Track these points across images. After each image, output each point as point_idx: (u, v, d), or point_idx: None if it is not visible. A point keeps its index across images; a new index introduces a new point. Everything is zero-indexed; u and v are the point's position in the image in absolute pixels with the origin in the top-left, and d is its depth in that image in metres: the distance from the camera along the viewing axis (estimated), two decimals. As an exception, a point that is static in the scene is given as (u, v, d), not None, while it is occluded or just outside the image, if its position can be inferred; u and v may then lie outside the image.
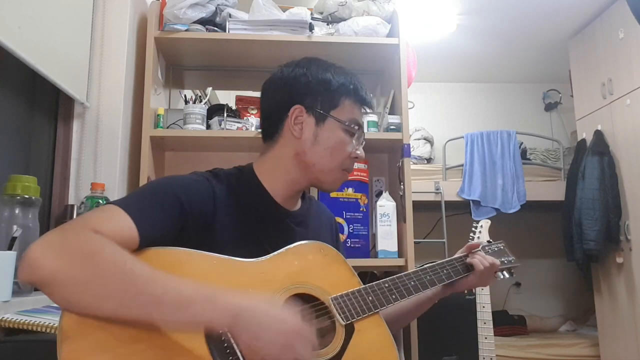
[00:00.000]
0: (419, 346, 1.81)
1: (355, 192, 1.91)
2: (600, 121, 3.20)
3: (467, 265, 1.12)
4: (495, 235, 1.44)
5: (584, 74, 3.43)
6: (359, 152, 1.02)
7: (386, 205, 1.90)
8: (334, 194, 1.88)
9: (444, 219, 3.44)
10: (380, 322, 0.96)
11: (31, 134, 1.57)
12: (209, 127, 1.93)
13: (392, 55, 2.03)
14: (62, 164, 1.70)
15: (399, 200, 1.92)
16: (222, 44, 1.96)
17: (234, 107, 2.05)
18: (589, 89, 3.35)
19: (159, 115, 1.89)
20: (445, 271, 1.09)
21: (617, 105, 3.04)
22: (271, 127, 1.03)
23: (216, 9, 1.95)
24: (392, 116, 1.96)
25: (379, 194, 2.00)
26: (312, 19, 2.04)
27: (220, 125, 1.92)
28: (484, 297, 1.62)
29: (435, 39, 3.60)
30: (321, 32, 2.00)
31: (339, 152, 0.98)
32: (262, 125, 1.07)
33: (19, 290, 1.15)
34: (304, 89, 0.99)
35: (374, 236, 1.91)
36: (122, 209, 0.78)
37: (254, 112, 2.05)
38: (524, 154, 3.77)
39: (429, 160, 4.10)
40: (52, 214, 1.65)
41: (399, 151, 1.95)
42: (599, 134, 3.15)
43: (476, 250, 1.15)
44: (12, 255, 1.10)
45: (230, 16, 1.95)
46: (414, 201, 1.92)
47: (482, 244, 1.23)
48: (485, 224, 1.48)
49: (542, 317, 3.88)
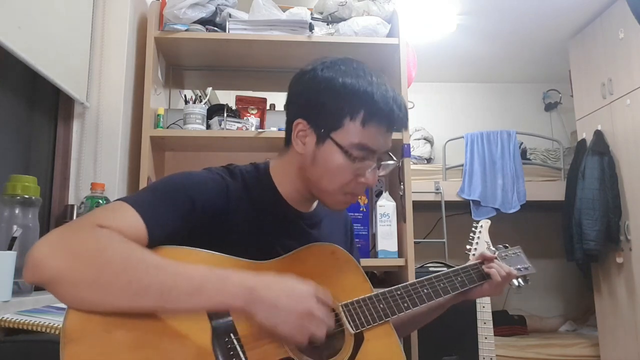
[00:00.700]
0: (419, 346, 1.81)
1: (355, 192, 1.91)
2: (600, 121, 3.20)
3: (481, 273, 1.09)
4: (495, 235, 1.44)
5: (584, 74, 3.42)
6: (367, 177, 0.90)
7: (386, 205, 1.90)
8: (334, 194, 1.88)
9: (444, 219, 3.44)
10: (390, 331, 0.93)
11: (31, 134, 1.57)
12: (209, 127, 1.93)
13: (392, 55, 2.03)
14: (62, 164, 1.70)
15: (399, 200, 1.92)
16: (222, 44, 1.96)
17: (234, 107, 2.05)
18: (589, 89, 3.35)
19: (159, 115, 1.89)
20: (459, 279, 1.06)
21: (617, 105, 3.04)
22: (286, 133, 0.97)
23: (216, 9, 1.95)
24: (392, 116, 1.96)
25: (379, 194, 2.00)
26: (312, 19, 2.04)
27: (220, 125, 1.92)
28: (484, 297, 1.62)
29: (435, 39, 3.60)
30: (321, 32, 2.00)
31: (338, 177, 0.89)
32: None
33: (19, 290, 1.15)
34: (309, 101, 0.91)
35: (374, 236, 1.91)
36: (132, 206, 0.77)
37: (254, 112, 2.05)
38: (524, 154, 3.77)
39: (429, 160, 4.10)
40: (52, 214, 1.65)
41: (399, 151, 1.95)
42: (599, 134, 3.15)
43: (491, 259, 1.11)
44: (12, 255, 1.10)
45: (230, 16, 1.96)
46: (414, 201, 1.92)
47: (498, 250, 1.19)
48: (485, 224, 1.47)
49: (542, 317, 3.88)
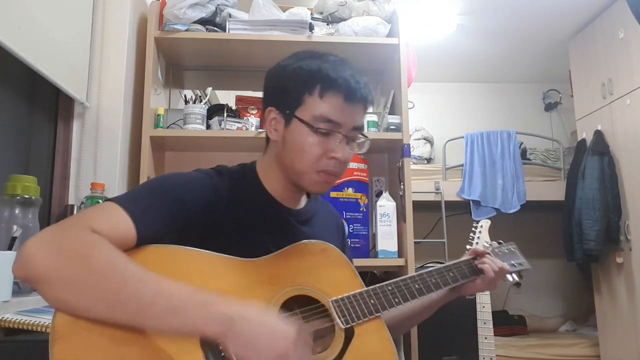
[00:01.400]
0: (419, 346, 1.81)
1: (355, 192, 1.91)
2: (600, 121, 3.20)
3: (474, 268, 1.08)
4: (495, 235, 1.44)
5: (584, 74, 3.42)
6: (337, 152, 0.90)
7: (386, 205, 1.90)
8: (334, 193, 1.88)
9: (444, 219, 3.44)
10: (381, 326, 0.93)
11: (31, 134, 1.57)
12: (209, 127, 1.93)
13: (392, 55, 2.03)
14: (62, 164, 1.70)
15: (399, 200, 1.92)
16: (222, 44, 1.96)
17: (234, 107, 2.05)
18: (589, 89, 3.35)
19: (159, 115, 1.89)
20: (451, 274, 1.05)
21: (617, 105, 3.04)
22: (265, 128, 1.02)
23: (216, 9, 1.95)
24: (392, 116, 1.96)
25: (379, 194, 2.00)
26: (312, 19, 2.04)
27: (220, 125, 1.92)
28: (484, 297, 1.62)
29: (435, 39, 3.60)
30: (321, 32, 2.00)
31: (307, 154, 0.90)
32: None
33: (19, 290, 1.15)
34: (273, 89, 0.97)
35: (374, 236, 1.91)
36: (121, 206, 0.77)
37: (254, 112, 2.05)
38: (524, 154, 3.77)
39: (429, 160, 4.10)
40: (52, 214, 1.65)
41: (399, 151, 1.95)
42: (599, 134, 3.15)
43: (483, 254, 1.11)
44: (12, 255, 1.09)
45: (230, 16, 1.95)
46: (414, 201, 1.92)
47: (492, 247, 1.19)
48: (485, 224, 1.48)
49: (542, 317, 3.88)
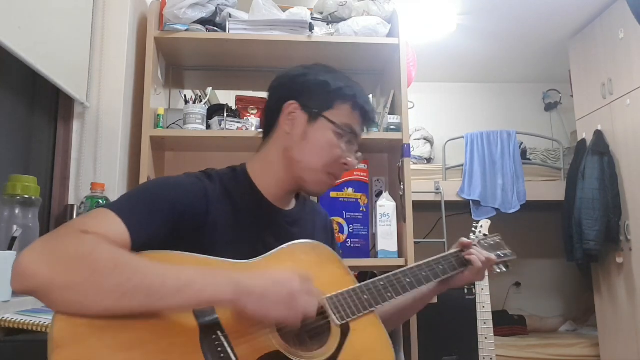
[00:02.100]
0: (419, 346, 1.81)
1: (355, 192, 1.91)
2: (600, 121, 3.20)
3: (462, 260, 1.11)
4: (495, 235, 1.43)
5: (584, 74, 3.43)
6: (349, 159, 0.99)
7: (386, 205, 1.90)
8: (334, 193, 1.88)
9: (444, 219, 3.44)
10: (376, 321, 0.95)
11: (31, 134, 1.57)
12: (209, 127, 1.93)
13: (392, 55, 2.03)
14: (62, 164, 1.70)
15: (399, 200, 1.92)
16: (222, 44, 1.96)
17: (234, 107, 2.05)
18: (589, 89, 3.35)
19: (159, 115, 1.89)
20: (440, 267, 1.08)
21: (617, 105, 3.04)
22: (268, 123, 1.04)
23: (216, 9, 1.95)
24: (392, 116, 1.96)
25: (379, 194, 2.00)
26: (312, 19, 2.04)
27: (220, 125, 1.92)
28: (484, 297, 1.62)
29: (435, 39, 3.60)
30: (321, 32, 2.00)
31: (326, 153, 0.97)
32: (262, 124, 1.06)
33: (19, 290, 1.15)
34: (301, 86, 1.00)
35: (374, 236, 1.91)
36: (113, 211, 0.78)
37: (254, 112, 2.05)
38: (524, 154, 3.77)
39: (429, 160, 4.10)
40: (52, 214, 1.65)
41: (399, 151, 1.95)
42: (599, 134, 3.15)
43: (470, 245, 1.14)
44: (12, 255, 1.10)
45: (230, 16, 1.95)
46: (414, 201, 1.92)
47: (478, 239, 1.22)
48: (485, 224, 1.47)
49: (542, 317, 3.88)
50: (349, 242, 1.88)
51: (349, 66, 2.13)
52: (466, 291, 2.60)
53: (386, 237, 1.87)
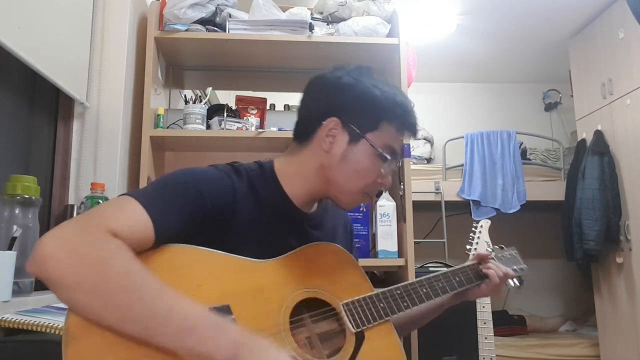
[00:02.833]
0: (419, 346, 1.81)
1: (355, 192, 1.91)
2: (600, 121, 3.20)
3: (479, 273, 1.10)
4: (495, 235, 1.44)
5: (584, 74, 3.43)
6: (385, 179, 0.96)
7: (386, 205, 1.90)
8: (334, 194, 1.88)
9: (444, 219, 3.44)
10: (390, 330, 0.94)
11: (31, 134, 1.57)
12: (209, 127, 1.93)
13: (392, 55, 2.03)
14: (62, 164, 1.70)
15: (399, 200, 1.92)
16: (222, 44, 1.96)
17: (234, 107, 2.05)
18: (589, 89, 3.35)
19: (159, 115, 1.89)
20: (457, 279, 1.06)
21: (617, 105, 3.04)
22: (304, 131, 0.97)
23: (216, 9, 1.95)
24: (392, 116, 1.96)
25: (379, 194, 2.00)
26: (312, 19, 2.04)
27: (220, 125, 1.92)
28: (484, 297, 1.62)
29: (435, 39, 3.59)
30: (321, 32, 2.00)
31: (365, 176, 0.93)
32: (296, 124, 1.00)
33: (19, 290, 1.15)
34: (345, 102, 0.93)
35: (374, 236, 1.91)
36: (140, 203, 0.76)
37: (254, 112, 2.05)
38: (524, 154, 3.77)
39: (429, 160, 4.10)
40: (52, 214, 1.65)
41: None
42: (599, 134, 3.15)
43: (487, 258, 1.12)
44: (12, 255, 1.10)
45: (230, 16, 1.95)
46: (414, 201, 1.92)
47: (494, 251, 1.20)
48: (485, 224, 1.47)
49: (542, 317, 3.88)
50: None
51: (349, 66, 2.13)
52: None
53: (386, 237, 1.87)
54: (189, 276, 0.77)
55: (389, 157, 0.93)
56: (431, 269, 2.28)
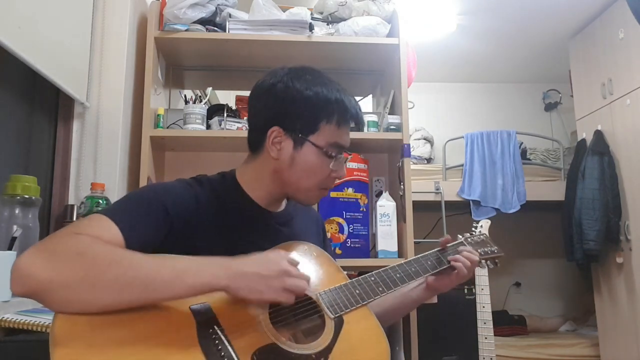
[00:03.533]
0: (419, 346, 1.81)
1: (355, 192, 1.91)
2: (600, 121, 3.20)
3: (447, 257, 1.13)
4: (495, 235, 1.44)
5: (584, 74, 3.43)
6: (339, 172, 1.01)
7: (386, 205, 1.90)
8: (334, 193, 1.88)
9: (444, 219, 3.44)
10: (368, 314, 0.96)
11: (31, 134, 1.57)
12: (209, 127, 1.93)
13: (392, 55, 2.03)
14: (62, 164, 1.70)
15: (399, 200, 1.92)
16: (222, 44, 1.96)
17: (234, 107, 2.05)
18: (589, 89, 3.35)
19: (159, 115, 1.89)
20: (429, 262, 1.10)
21: (617, 105, 3.04)
22: (254, 141, 1.02)
23: (216, 9, 1.95)
24: (392, 116, 1.96)
25: (379, 194, 2.00)
26: (312, 19, 2.04)
27: (220, 125, 1.92)
28: (484, 297, 1.62)
29: (435, 39, 3.60)
30: (321, 32, 2.00)
31: (316, 175, 0.98)
32: (247, 134, 1.05)
33: (19, 290, 1.15)
34: (282, 110, 0.97)
35: (374, 236, 1.91)
36: (108, 217, 0.81)
37: (254, 112, 2.05)
38: (524, 154, 3.77)
39: (429, 160, 4.10)
40: (52, 214, 1.65)
41: (399, 151, 1.95)
42: (599, 134, 3.16)
43: (453, 244, 1.16)
44: (12, 255, 1.10)
45: (230, 16, 1.95)
46: (414, 201, 1.92)
47: (464, 237, 1.24)
48: (485, 224, 1.48)
49: (542, 317, 3.88)
50: (349, 242, 1.88)
51: (349, 66, 2.13)
52: (466, 291, 2.61)
53: (386, 237, 1.87)
54: None
55: (334, 154, 0.98)
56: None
